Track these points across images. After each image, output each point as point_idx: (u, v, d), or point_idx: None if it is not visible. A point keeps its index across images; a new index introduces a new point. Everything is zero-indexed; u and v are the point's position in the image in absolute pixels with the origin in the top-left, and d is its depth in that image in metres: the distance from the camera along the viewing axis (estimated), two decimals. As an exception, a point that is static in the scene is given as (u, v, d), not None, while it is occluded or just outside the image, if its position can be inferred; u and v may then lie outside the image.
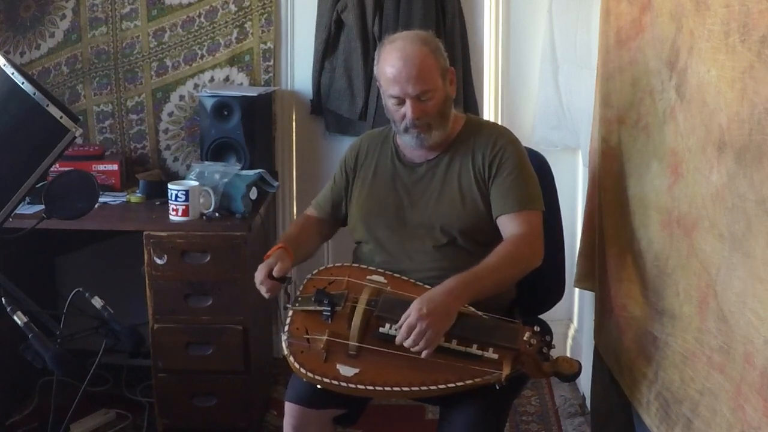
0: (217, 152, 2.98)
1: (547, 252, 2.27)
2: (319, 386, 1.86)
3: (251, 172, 2.85)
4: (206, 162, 2.92)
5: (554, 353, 1.87)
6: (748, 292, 1.42)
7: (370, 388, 1.82)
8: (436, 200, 2.06)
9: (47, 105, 1.79)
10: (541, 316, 2.20)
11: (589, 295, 2.67)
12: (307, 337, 1.91)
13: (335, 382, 1.84)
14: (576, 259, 2.60)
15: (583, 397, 2.99)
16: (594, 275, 2.45)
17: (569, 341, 3.32)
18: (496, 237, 2.03)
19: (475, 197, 2.04)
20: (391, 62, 1.99)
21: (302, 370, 1.86)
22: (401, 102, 2.00)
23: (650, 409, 1.89)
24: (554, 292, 2.29)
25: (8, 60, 1.81)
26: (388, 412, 2.85)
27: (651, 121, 1.98)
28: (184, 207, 2.66)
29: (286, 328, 1.94)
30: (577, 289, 2.92)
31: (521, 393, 2.76)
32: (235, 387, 2.73)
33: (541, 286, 2.26)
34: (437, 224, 2.04)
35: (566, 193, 2.72)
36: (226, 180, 2.75)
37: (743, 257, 1.44)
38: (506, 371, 1.78)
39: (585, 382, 2.79)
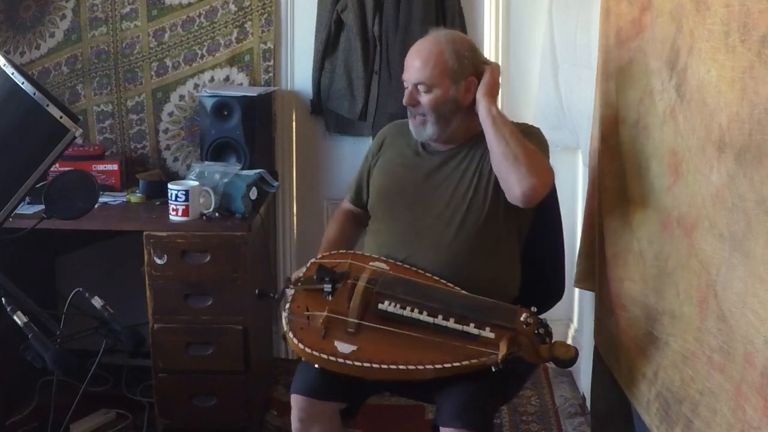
0: (217, 152, 2.98)
1: (547, 252, 2.28)
2: (316, 365, 1.86)
3: (251, 172, 2.85)
4: (206, 162, 2.92)
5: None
6: (748, 292, 1.42)
7: (367, 365, 1.82)
8: (454, 187, 2.09)
9: (47, 105, 1.79)
10: (541, 317, 2.21)
11: (589, 295, 2.67)
12: (307, 314, 1.92)
13: (332, 359, 1.84)
14: (576, 259, 2.60)
15: (583, 397, 2.99)
16: (594, 275, 2.45)
17: (569, 341, 3.32)
18: (508, 223, 2.07)
19: (491, 184, 2.06)
20: (414, 49, 2.11)
21: (300, 346, 1.86)
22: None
23: (650, 409, 1.89)
24: (554, 292, 2.29)
25: (8, 60, 1.81)
26: (388, 412, 2.85)
27: (651, 121, 1.98)
28: (184, 207, 2.66)
29: (287, 306, 1.96)
30: (577, 289, 2.92)
31: (520, 393, 2.75)
32: (235, 387, 2.73)
33: (541, 286, 2.26)
34: (449, 211, 2.07)
35: (566, 193, 2.72)
36: (226, 180, 2.75)
37: (743, 257, 1.44)
38: (503, 351, 1.78)
39: (585, 382, 2.79)
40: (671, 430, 1.76)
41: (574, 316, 3.31)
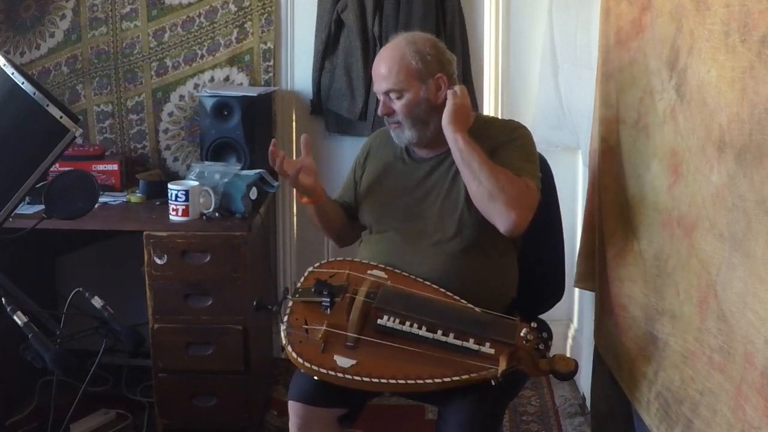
0: (217, 152, 2.98)
1: (547, 252, 2.27)
2: (316, 377, 1.86)
3: (251, 172, 2.85)
4: (206, 162, 2.92)
5: (553, 352, 1.87)
6: (748, 292, 1.42)
7: (367, 380, 1.82)
8: (444, 195, 2.08)
9: (47, 105, 1.79)
10: (541, 316, 2.21)
11: (589, 295, 2.67)
12: (306, 327, 1.91)
13: (332, 373, 1.84)
14: (576, 259, 2.60)
15: (583, 397, 2.99)
16: (594, 275, 2.45)
17: (569, 341, 3.32)
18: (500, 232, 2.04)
19: None
20: (376, 59, 2.11)
21: (300, 360, 1.86)
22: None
23: (650, 409, 1.89)
24: (554, 292, 2.29)
25: (8, 60, 1.81)
26: (388, 412, 2.85)
27: (651, 121, 1.98)
28: (184, 207, 2.66)
29: (285, 318, 1.95)
30: (577, 289, 2.92)
31: (519, 393, 2.75)
32: (235, 387, 2.73)
33: (541, 286, 2.26)
34: (443, 218, 2.06)
35: (566, 193, 2.72)
36: (226, 180, 2.75)
37: (743, 257, 1.44)
38: (502, 366, 1.78)
39: (585, 382, 2.79)
40: (671, 430, 1.76)
41: (574, 316, 3.31)
